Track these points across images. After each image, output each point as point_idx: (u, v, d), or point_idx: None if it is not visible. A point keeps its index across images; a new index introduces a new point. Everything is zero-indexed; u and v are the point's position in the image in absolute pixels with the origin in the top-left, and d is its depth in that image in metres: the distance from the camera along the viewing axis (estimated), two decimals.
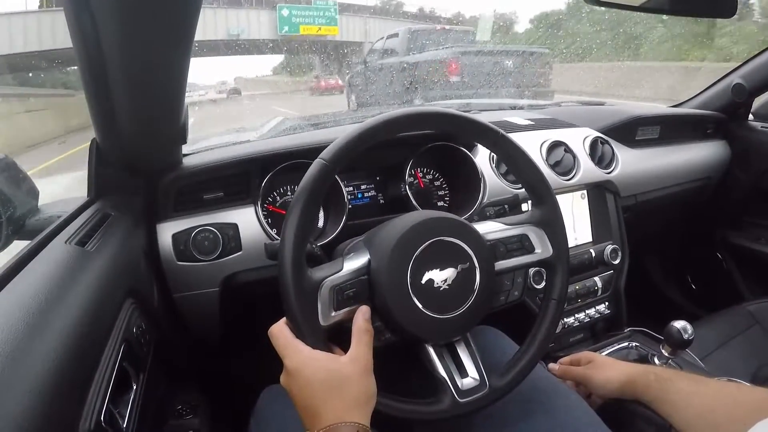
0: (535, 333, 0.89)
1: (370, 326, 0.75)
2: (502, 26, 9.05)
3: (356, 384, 0.69)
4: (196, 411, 1.09)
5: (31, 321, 0.57)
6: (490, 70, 6.22)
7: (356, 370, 0.70)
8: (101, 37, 0.65)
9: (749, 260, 1.92)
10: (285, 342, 0.72)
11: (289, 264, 0.72)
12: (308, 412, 0.68)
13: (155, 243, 1.09)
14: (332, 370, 0.69)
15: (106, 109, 0.83)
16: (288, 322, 0.74)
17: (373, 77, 8.27)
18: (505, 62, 6.40)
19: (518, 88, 6.08)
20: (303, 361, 0.70)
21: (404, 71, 7.30)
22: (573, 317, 1.48)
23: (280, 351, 0.72)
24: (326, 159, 0.77)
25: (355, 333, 0.74)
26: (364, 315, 0.76)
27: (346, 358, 0.71)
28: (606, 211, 1.53)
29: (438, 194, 1.37)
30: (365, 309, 0.76)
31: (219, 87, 29.30)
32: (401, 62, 7.62)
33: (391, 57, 8.15)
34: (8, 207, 0.94)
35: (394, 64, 7.83)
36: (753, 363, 1.28)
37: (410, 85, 6.83)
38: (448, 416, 0.79)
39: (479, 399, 0.81)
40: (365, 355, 0.72)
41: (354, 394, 0.69)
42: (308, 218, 0.75)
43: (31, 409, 0.48)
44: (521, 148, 0.91)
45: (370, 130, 0.80)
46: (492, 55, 6.64)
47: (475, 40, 8.75)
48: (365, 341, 0.73)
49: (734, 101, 1.81)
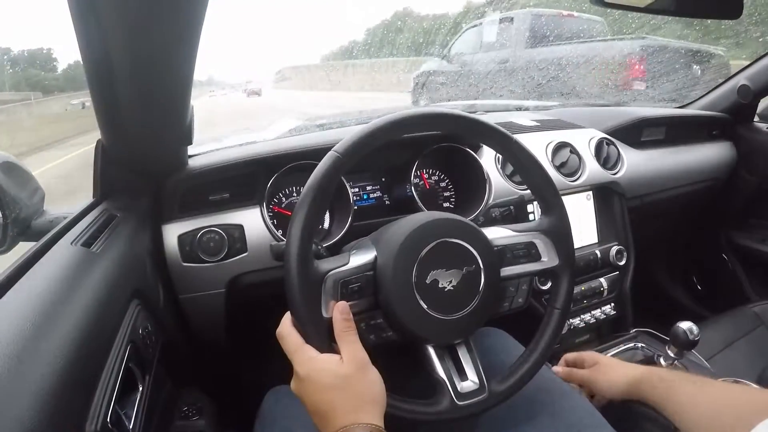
0: (537, 341, 0.89)
1: (351, 323, 0.74)
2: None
3: (361, 382, 0.70)
4: (202, 412, 1.08)
5: (37, 322, 0.57)
6: (681, 75, 3.82)
7: (356, 370, 0.70)
8: (106, 38, 0.65)
9: (755, 261, 1.91)
10: (295, 347, 0.72)
11: (296, 253, 0.72)
12: (321, 416, 0.68)
13: (161, 244, 1.09)
14: (337, 374, 0.69)
15: (112, 110, 0.83)
16: (292, 314, 0.74)
17: (456, 77, 5.84)
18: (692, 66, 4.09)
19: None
20: (312, 367, 0.70)
21: (527, 70, 4.70)
22: (579, 318, 1.48)
23: (290, 355, 0.72)
24: (339, 152, 0.77)
25: (338, 336, 0.73)
26: (342, 313, 0.74)
27: (344, 360, 0.71)
28: (611, 212, 1.52)
29: (444, 195, 1.37)
30: (342, 306, 0.75)
31: (244, 85, 28.63)
32: (516, 57, 5.35)
33: (496, 50, 5.81)
34: (14, 208, 0.94)
35: (505, 59, 5.41)
36: (759, 364, 1.28)
37: (542, 91, 3.95)
38: (446, 418, 0.79)
39: (477, 403, 0.81)
40: (359, 353, 0.72)
41: (362, 393, 0.69)
42: (318, 209, 0.75)
43: (38, 410, 0.48)
44: (533, 156, 0.91)
45: (386, 126, 0.80)
46: (682, 56, 4.33)
47: (605, 32, 5.89)
48: (351, 340, 0.72)
49: (740, 102, 1.81)
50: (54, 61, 44.05)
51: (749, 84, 1.75)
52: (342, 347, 0.72)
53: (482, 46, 6.19)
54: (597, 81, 4.24)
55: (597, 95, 4.02)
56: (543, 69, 4.38)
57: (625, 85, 4.26)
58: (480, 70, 5.76)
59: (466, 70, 5.93)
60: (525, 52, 5.30)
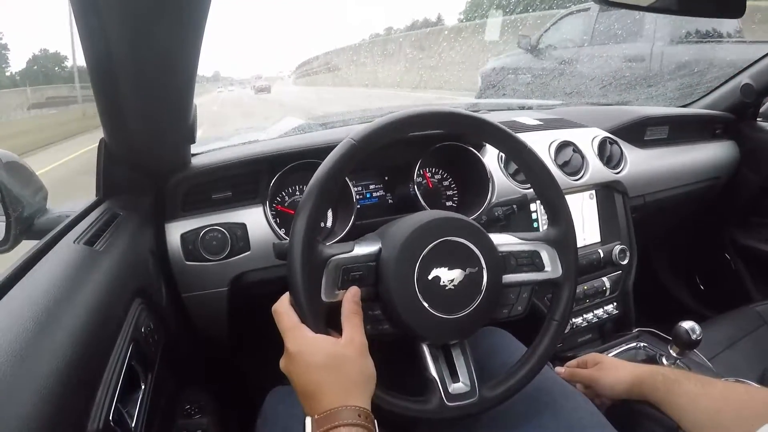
0: (533, 350, 0.89)
1: (359, 308, 0.76)
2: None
3: (354, 365, 0.70)
4: (204, 411, 1.09)
5: (40, 320, 0.57)
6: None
7: (353, 352, 0.71)
8: (109, 36, 0.65)
9: (758, 261, 1.91)
10: (289, 324, 0.72)
11: (302, 233, 0.73)
12: (308, 396, 0.68)
13: (164, 243, 1.09)
14: (331, 353, 0.69)
15: (114, 109, 0.83)
16: (291, 293, 0.75)
17: (549, 75, 4.39)
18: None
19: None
20: (304, 344, 0.70)
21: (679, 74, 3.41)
22: (581, 317, 1.47)
23: (283, 332, 0.73)
24: (356, 139, 0.78)
25: (345, 315, 0.74)
26: (354, 297, 0.76)
27: (342, 340, 0.72)
28: (614, 211, 1.52)
29: (447, 194, 1.37)
30: (354, 290, 0.77)
31: (253, 81, 28.29)
32: (656, 54, 3.95)
33: (617, 44, 4.43)
34: (17, 207, 0.94)
35: (637, 56, 4.06)
36: (761, 363, 1.28)
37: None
38: (434, 417, 0.80)
39: (467, 406, 0.81)
40: (359, 336, 0.73)
41: (353, 376, 0.69)
42: (328, 194, 0.76)
43: (40, 408, 0.48)
44: (544, 164, 0.91)
45: (405, 120, 0.82)
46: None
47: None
48: (356, 323, 0.74)
49: (743, 101, 1.80)
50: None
51: (752, 83, 1.75)
52: (345, 327, 0.73)
53: (594, 37, 4.64)
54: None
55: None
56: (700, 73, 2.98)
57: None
58: (588, 69, 4.30)
59: (567, 68, 4.51)
60: (669, 48, 3.99)
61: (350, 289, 0.77)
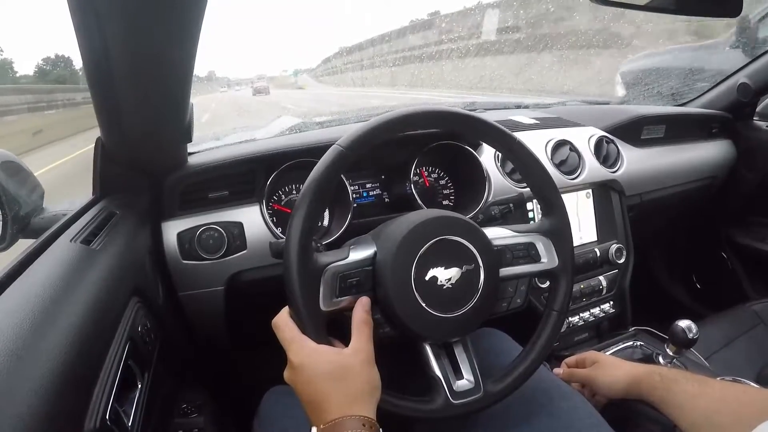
0: (534, 341, 0.89)
1: (369, 318, 0.75)
2: None
3: (360, 375, 0.69)
4: (201, 410, 1.09)
5: (37, 319, 0.57)
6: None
7: (359, 362, 0.70)
8: (106, 35, 0.65)
9: (754, 260, 1.91)
10: (291, 336, 0.72)
11: (296, 245, 0.72)
12: (313, 407, 0.68)
13: (160, 242, 1.09)
14: (336, 363, 0.69)
15: (111, 108, 0.83)
16: (289, 305, 0.74)
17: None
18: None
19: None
20: (308, 355, 0.70)
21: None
22: (578, 316, 1.48)
23: (285, 345, 0.72)
24: (343, 145, 0.77)
25: (355, 325, 0.74)
26: (364, 306, 0.76)
27: (348, 350, 0.71)
28: (611, 210, 1.52)
29: (443, 193, 1.37)
30: (365, 300, 0.77)
31: (253, 82, 27.93)
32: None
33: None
34: (13, 205, 0.94)
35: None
36: (758, 362, 1.28)
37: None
38: (441, 416, 0.79)
39: (472, 402, 0.81)
40: (366, 347, 0.72)
41: (358, 386, 0.69)
42: (320, 202, 0.76)
43: (37, 407, 0.48)
44: (536, 156, 0.91)
45: (390, 122, 0.81)
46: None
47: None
48: (365, 333, 0.73)
49: (739, 101, 1.80)
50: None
51: (749, 82, 1.75)
52: (354, 337, 0.72)
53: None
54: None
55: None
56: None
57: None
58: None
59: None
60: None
61: (361, 299, 0.76)
